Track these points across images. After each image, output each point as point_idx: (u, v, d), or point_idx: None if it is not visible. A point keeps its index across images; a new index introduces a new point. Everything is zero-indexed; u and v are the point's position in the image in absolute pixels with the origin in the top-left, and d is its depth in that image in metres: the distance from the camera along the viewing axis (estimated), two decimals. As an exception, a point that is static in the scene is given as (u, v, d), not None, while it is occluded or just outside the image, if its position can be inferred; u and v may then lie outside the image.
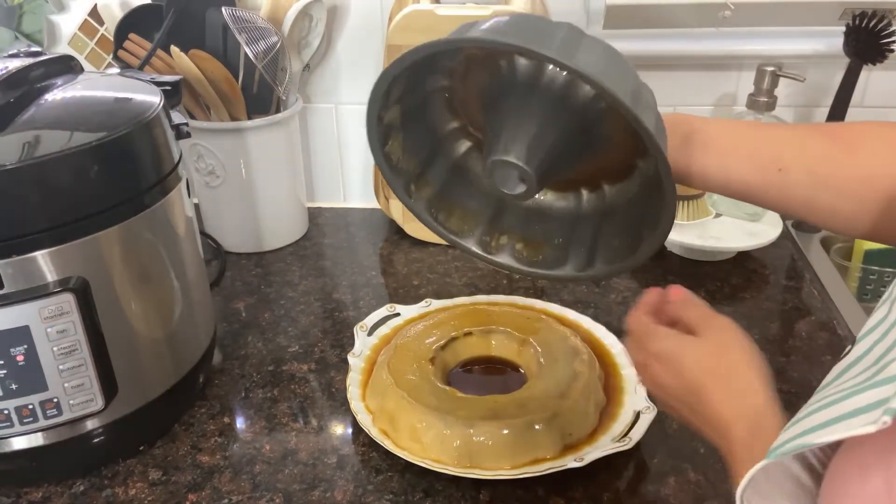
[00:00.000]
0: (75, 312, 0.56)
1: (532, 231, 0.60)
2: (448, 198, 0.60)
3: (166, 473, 0.64)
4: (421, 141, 0.58)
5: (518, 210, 0.60)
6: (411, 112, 0.56)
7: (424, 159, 0.59)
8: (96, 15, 1.00)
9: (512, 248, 0.61)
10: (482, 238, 0.61)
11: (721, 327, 0.49)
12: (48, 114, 0.60)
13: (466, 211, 0.61)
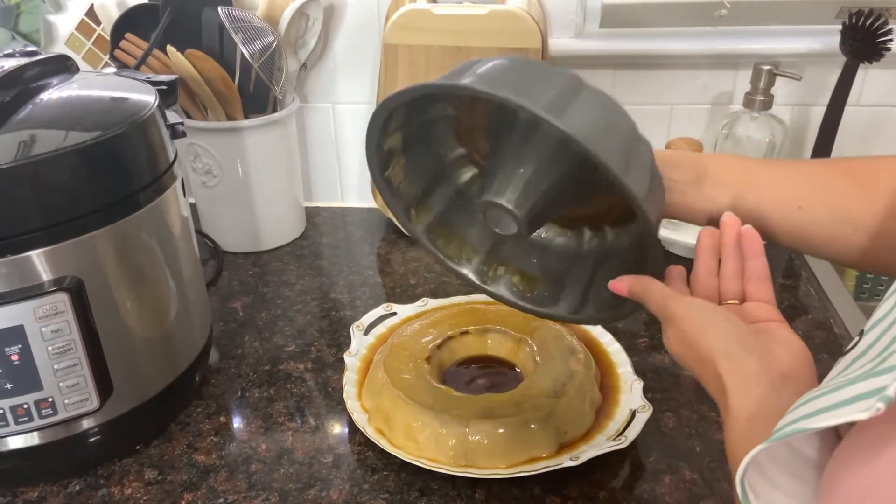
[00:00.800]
0: (70, 312, 0.56)
1: (530, 264, 0.60)
2: (448, 224, 0.60)
3: (162, 473, 0.64)
4: (424, 166, 0.58)
5: (519, 242, 0.60)
6: (414, 137, 0.55)
7: (427, 184, 0.59)
8: (93, 15, 1.00)
9: (508, 281, 0.60)
10: (480, 267, 0.61)
11: (673, 325, 0.47)
12: (43, 113, 0.60)
13: (466, 238, 0.61)
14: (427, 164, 0.58)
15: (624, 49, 0.94)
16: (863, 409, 0.27)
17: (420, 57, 0.92)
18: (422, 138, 0.56)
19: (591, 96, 0.44)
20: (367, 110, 1.04)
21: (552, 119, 0.41)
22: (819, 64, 0.93)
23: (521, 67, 0.45)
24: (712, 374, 0.44)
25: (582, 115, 0.42)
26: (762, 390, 0.42)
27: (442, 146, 0.58)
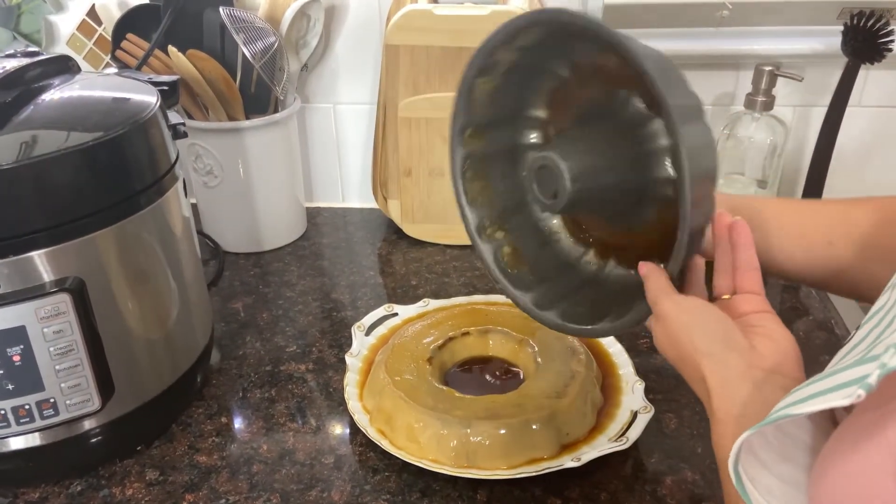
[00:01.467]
0: (72, 313, 0.56)
1: (527, 247, 0.60)
2: (487, 164, 0.60)
3: (163, 474, 0.64)
4: (505, 101, 0.57)
5: (529, 221, 0.60)
6: (519, 69, 0.55)
7: (496, 119, 0.58)
8: (94, 15, 1.00)
9: (499, 248, 0.60)
10: (483, 220, 0.61)
11: (660, 322, 0.47)
12: (45, 114, 0.60)
13: (492, 187, 0.61)
14: (509, 102, 0.57)
15: (625, 50, 0.94)
16: (845, 396, 0.28)
17: (421, 57, 0.92)
18: (522, 76, 0.55)
19: (708, 129, 0.45)
20: (369, 111, 1.04)
21: (678, 126, 0.41)
22: (820, 65, 0.93)
23: (668, 62, 0.45)
24: (697, 374, 0.44)
25: (695, 139, 0.42)
26: (746, 391, 0.42)
27: (532, 97, 0.57)
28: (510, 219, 0.60)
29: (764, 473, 0.35)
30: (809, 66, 0.92)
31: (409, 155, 0.96)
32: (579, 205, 0.51)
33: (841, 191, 0.98)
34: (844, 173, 0.97)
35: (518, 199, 0.60)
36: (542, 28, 0.50)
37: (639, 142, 0.50)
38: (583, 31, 0.47)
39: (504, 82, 0.56)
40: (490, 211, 0.60)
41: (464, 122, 0.58)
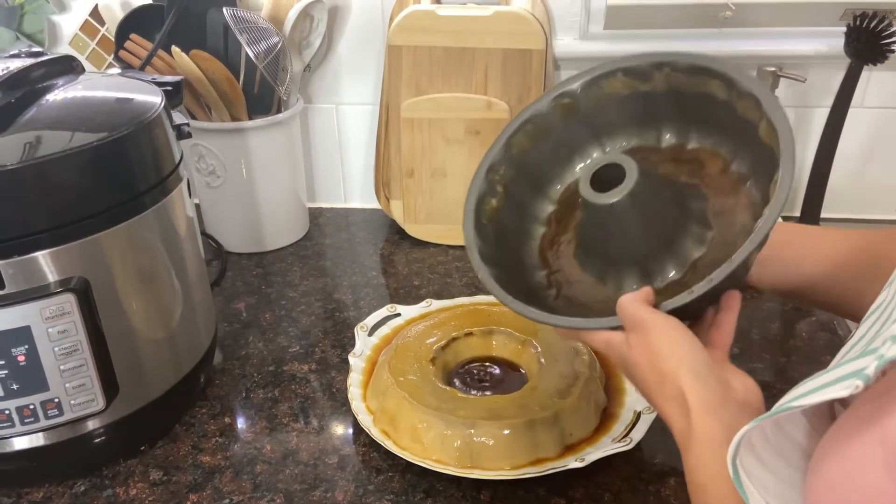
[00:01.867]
0: (76, 313, 0.56)
1: (518, 217, 0.63)
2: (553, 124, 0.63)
3: (167, 474, 0.64)
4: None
5: (539, 198, 0.64)
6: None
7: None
8: (97, 15, 1.00)
9: (492, 209, 0.62)
10: (503, 171, 0.63)
11: (639, 330, 0.47)
12: (49, 114, 0.60)
13: (545, 140, 0.64)
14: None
15: (628, 50, 0.93)
16: (844, 388, 0.28)
17: (424, 58, 0.92)
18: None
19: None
20: (371, 111, 1.04)
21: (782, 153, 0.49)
22: (823, 66, 0.93)
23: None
24: (673, 390, 0.44)
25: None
26: (731, 415, 0.42)
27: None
28: (538, 186, 0.63)
29: (760, 469, 0.35)
30: (812, 67, 0.92)
31: (411, 155, 0.96)
32: (629, 204, 0.53)
33: (842, 192, 0.98)
34: (847, 174, 0.97)
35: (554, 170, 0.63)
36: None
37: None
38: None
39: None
40: (514, 172, 0.63)
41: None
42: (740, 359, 0.76)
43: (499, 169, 0.61)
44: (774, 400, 0.57)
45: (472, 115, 0.93)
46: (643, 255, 0.55)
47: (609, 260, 0.57)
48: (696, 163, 0.59)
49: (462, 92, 0.93)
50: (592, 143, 0.63)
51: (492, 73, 0.92)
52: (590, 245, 0.59)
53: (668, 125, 0.60)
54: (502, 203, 0.61)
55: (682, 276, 0.55)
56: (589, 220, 0.57)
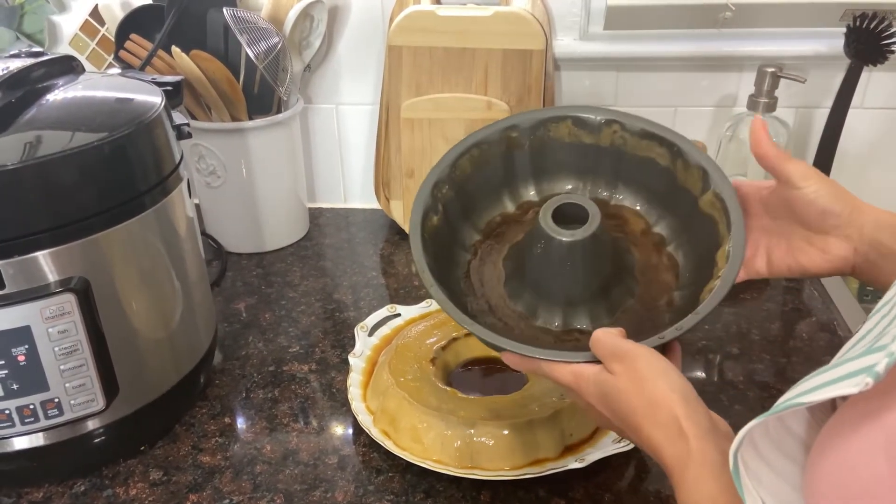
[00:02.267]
0: (76, 313, 0.56)
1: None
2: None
3: (167, 474, 0.64)
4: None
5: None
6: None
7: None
8: (97, 15, 1.00)
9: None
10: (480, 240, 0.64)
11: (624, 359, 0.47)
12: (49, 114, 0.60)
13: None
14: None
15: (628, 51, 0.94)
16: (854, 385, 0.28)
17: (424, 58, 0.92)
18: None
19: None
20: (371, 111, 1.04)
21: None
22: (823, 66, 0.93)
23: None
24: (667, 416, 0.44)
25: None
26: (722, 441, 0.43)
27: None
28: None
29: (757, 460, 0.35)
30: (812, 68, 0.93)
31: (411, 156, 0.96)
32: (581, 248, 0.54)
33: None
34: (847, 175, 0.97)
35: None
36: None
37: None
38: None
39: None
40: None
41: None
42: (741, 359, 0.76)
43: (442, 187, 0.61)
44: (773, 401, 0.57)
45: (473, 115, 0.93)
46: (581, 295, 0.57)
47: (545, 295, 0.58)
48: (620, 219, 0.62)
49: (462, 92, 0.93)
50: (528, 181, 0.64)
51: (492, 73, 0.92)
52: (528, 277, 0.59)
53: (600, 179, 0.62)
54: (441, 222, 0.60)
55: (611, 321, 0.57)
56: (535, 254, 0.57)
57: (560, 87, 0.99)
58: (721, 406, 0.70)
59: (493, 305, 0.60)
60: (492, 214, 0.64)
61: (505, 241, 0.63)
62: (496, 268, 0.62)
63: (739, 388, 0.72)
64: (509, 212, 0.64)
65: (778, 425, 0.36)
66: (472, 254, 0.63)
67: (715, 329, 0.81)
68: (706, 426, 0.43)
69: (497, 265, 0.62)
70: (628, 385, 0.46)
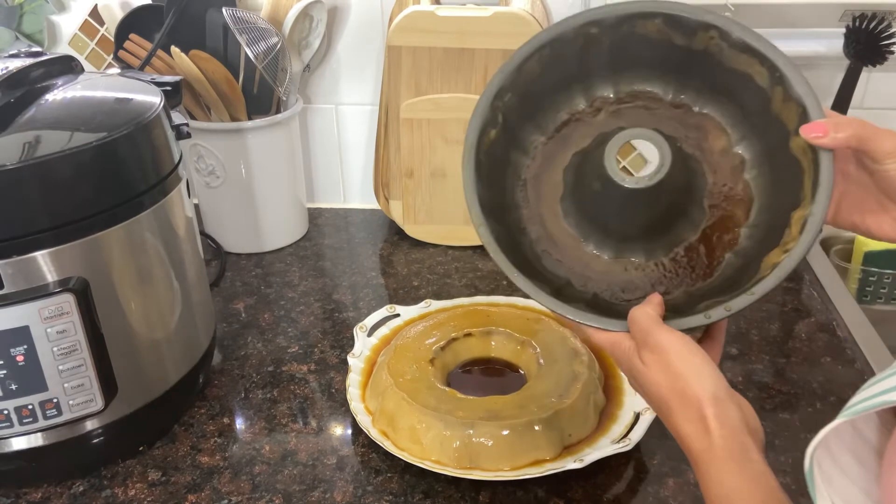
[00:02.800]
0: (75, 313, 0.56)
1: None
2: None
3: (166, 474, 0.64)
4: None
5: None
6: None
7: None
8: (97, 15, 1.00)
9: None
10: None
11: (657, 351, 0.47)
12: (49, 114, 0.60)
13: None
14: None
15: (627, 51, 0.94)
16: None
17: (424, 59, 0.92)
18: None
19: None
20: (371, 112, 1.04)
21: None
22: (822, 67, 0.93)
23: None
24: (696, 413, 0.44)
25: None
26: (748, 439, 0.43)
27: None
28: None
29: (831, 465, 0.35)
30: (811, 69, 0.92)
31: (410, 156, 0.96)
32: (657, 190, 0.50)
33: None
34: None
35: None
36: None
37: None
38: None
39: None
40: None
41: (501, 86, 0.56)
42: (740, 359, 0.76)
43: (504, 95, 0.55)
44: (772, 401, 0.57)
45: (472, 115, 0.93)
46: (641, 233, 0.54)
47: (600, 226, 0.55)
48: (700, 130, 0.55)
49: (462, 92, 0.93)
50: (604, 77, 0.58)
51: (491, 73, 0.91)
52: (584, 207, 0.56)
53: (687, 82, 0.56)
54: (499, 134, 0.56)
55: (667, 257, 0.54)
56: (594, 190, 0.53)
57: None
58: (720, 406, 0.70)
59: (545, 220, 0.56)
60: (559, 112, 0.58)
61: (570, 145, 0.57)
62: (555, 177, 0.57)
63: (738, 388, 0.71)
64: (579, 109, 0.58)
65: (850, 429, 0.36)
66: (532, 158, 0.58)
67: (714, 329, 0.80)
68: (734, 424, 0.43)
69: (557, 173, 0.57)
70: (659, 379, 0.46)
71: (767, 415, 0.68)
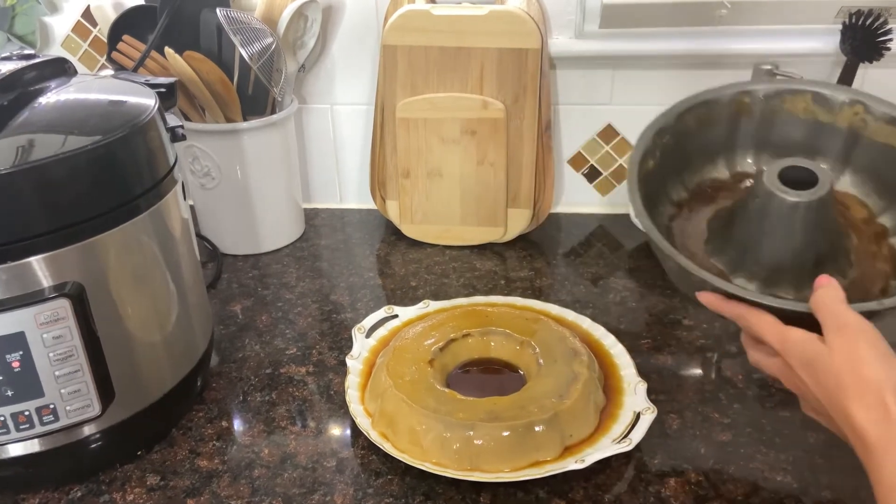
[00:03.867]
0: (71, 318, 0.55)
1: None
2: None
3: (164, 479, 0.63)
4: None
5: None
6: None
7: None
8: (89, 16, 0.99)
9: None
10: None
11: (846, 333, 0.46)
12: (42, 117, 0.59)
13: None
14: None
15: (624, 49, 0.94)
16: None
17: (419, 58, 0.92)
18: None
19: None
20: (367, 111, 1.03)
21: None
22: (819, 64, 0.93)
23: None
24: (876, 399, 0.43)
25: None
26: None
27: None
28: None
29: None
30: (808, 66, 0.92)
31: (407, 156, 0.96)
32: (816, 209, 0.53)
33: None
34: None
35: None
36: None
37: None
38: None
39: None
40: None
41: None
42: (739, 357, 0.76)
43: (664, 135, 0.61)
44: (772, 399, 0.56)
45: (468, 114, 0.92)
46: (791, 262, 0.55)
47: (751, 256, 0.56)
48: (842, 205, 0.59)
49: (458, 92, 0.93)
50: (748, 150, 0.64)
51: (487, 72, 0.92)
52: (735, 236, 0.58)
53: (828, 160, 0.60)
54: (655, 168, 0.60)
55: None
56: (751, 211, 0.56)
57: (556, 86, 0.99)
58: (720, 405, 0.70)
59: (692, 255, 0.58)
60: (703, 176, 0.64)
61: (713, 203, 0.63)
62: (699, 226, 0.62)
63: (739, 386, 0.72)
64: (722, 178, 0.64)
65: None
66: (677, 208, 0.63)
67: (713, 327, 0.80)
68: (876, 420, 0.43)
69: (700, 224, 0.62)
70: (842, 363, 0.45)
71: (767, 413, 0.68)
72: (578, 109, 1.00)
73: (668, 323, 0.82)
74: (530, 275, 0.92)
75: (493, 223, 0.97)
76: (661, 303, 0.85)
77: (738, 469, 0.62)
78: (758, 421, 0.67)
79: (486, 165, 0.95)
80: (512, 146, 0.94)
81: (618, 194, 1.06)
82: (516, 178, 0.96)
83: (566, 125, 1.02)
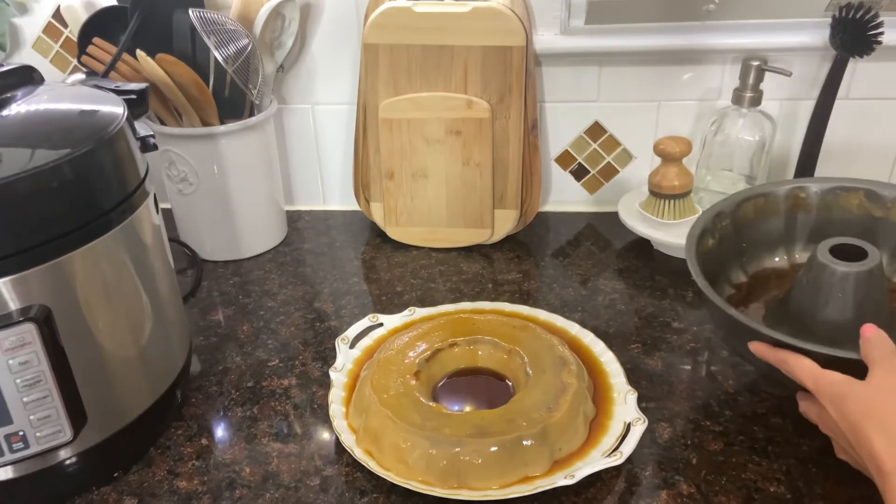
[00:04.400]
0: (38, 342, 0.53)
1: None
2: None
3: (142, 501, 0.61)
4: None
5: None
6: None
7: None
8: (60, 17, 0.96)
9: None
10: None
11: (891, 368, 0.48)
12: (4, 132, 0.57)
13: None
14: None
15: (610, 45, 0.92)
16: None
17: (401, 56, 0.89)
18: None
19: None
20: (349, 111, 1.01)
21: None
22: (808, 58, 0.91)
23: None
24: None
25: None
26: None
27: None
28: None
29: None
30: (797, 60, 0.91)
31: (390, 157, 0.94)
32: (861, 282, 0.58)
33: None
34: (833, 167, 0.95)
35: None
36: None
37: None
38: None
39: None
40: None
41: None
42: (729, 360, 0.75)
43: (723, 219, 0.67)
44: (764, 405, 0.55)
45: (453, 114, 0.90)
46: (845, 334, 0.57)
47: (806, 328, 0.60)
48: (891, 292, 0.63)
49: (441, 91, 0.90)
50: (804, 241, 0.68)
51: (471, 70, 0.89)
52: (791, 308, 0.62)
53: (883, 253, 0.62)
54: (714, 248, 0.65)
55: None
56: (804, 284, 0.61)
57: (542, 84, 0.97)
58: (711, 411, 0.68)
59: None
60: (763, 265, 0.71)
61: (771, 288, 0.69)
62: (758, 308, 0.67)
63: (729, 392, 0.71)
64: (781, 267, 0.70)
65: None
66: (737, 289, 0.69)
67: (703, 330, 0.79)
68: None
69: (759, 306, 0.68)
70: (875, 391, 0.47)
71: (759, 419, 0.67)
72: (565, 107, 0.98)
73: (657, 325, 0.80)
74: (518, 277, 0.90)
75: (480, 224, 0.96)
76: (651, 305, 0.84)
77: (730, 480, 0.61)
78: (749, 428, 0.66)
79: (471, 166, 0.93)
80: (498, 146, 0.92)
81: (605, 192, 1.04)
82: (503, 178, 0.94)
83: (552, 123, 1.00)
